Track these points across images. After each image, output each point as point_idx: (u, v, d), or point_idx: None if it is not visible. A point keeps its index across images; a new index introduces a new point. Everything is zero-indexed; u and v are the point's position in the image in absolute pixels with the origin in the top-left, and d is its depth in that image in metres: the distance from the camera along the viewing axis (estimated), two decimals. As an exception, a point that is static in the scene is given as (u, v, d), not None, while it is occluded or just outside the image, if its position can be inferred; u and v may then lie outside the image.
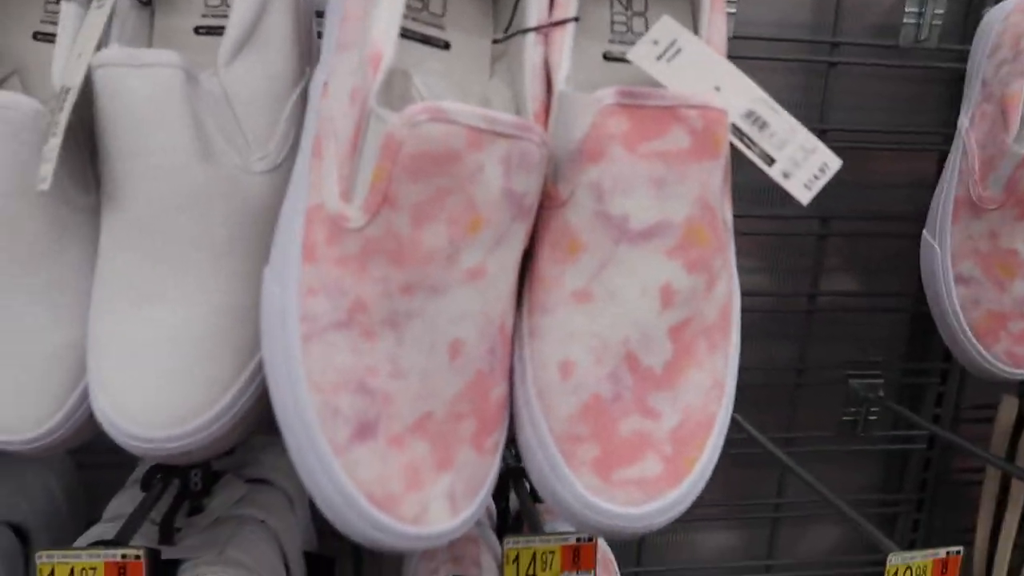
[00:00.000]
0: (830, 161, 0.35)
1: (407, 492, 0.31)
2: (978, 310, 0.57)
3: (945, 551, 0.51)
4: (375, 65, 0.31)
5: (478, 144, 0.29)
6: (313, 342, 0.31)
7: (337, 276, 0.31)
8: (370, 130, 0.31)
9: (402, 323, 0.31)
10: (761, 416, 0.86)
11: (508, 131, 0.30)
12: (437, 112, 0.28)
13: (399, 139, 0.29)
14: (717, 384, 0.35)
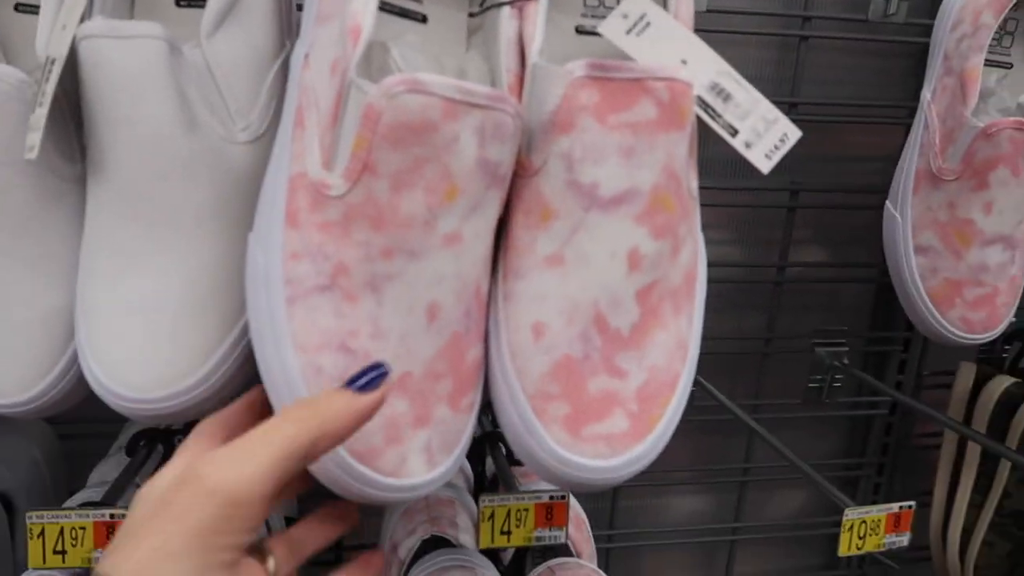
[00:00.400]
0: (790, 132, 0.37)
1: (387, 446, 0.32)
2: (936, 278, 0.60)
3: (898, 506, 0.54)
4: (355, 37, 0.32)
5: (453, 115, 0.30)
6: (297, 305, 0.32)
7: (320, 241, 0.32)
8: (350, 101, 0.32)
9: (382, 286, 0.32)
10: (730, 384, 0.89)
11: (482, 102, 0.31)
12: (414, 84, 0.30)
13: (378, 110, 0.30)
14: (681, 345, 0.37)
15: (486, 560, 0.56)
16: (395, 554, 0.59)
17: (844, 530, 0.53)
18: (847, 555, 0.54)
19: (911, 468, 0.95)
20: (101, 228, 0.36)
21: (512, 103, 0.32)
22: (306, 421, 0.28)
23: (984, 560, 0.81)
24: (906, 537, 0.55)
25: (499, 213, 0.35)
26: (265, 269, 0.33)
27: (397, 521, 0.62)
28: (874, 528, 0.54)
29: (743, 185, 0.81)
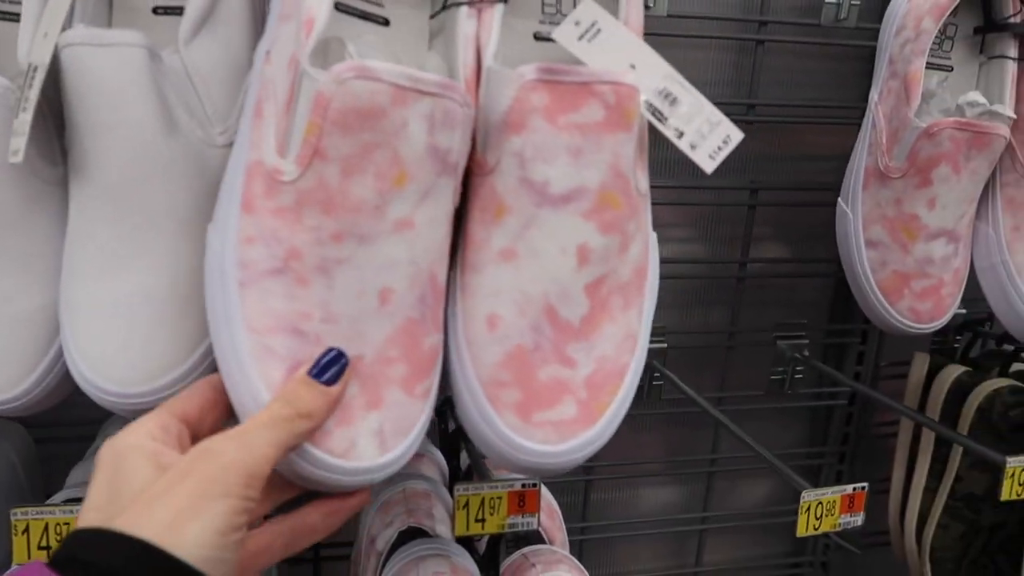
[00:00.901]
0: (733, 134, 0.39)
1: (336, 427, 0.33)
2: (885, 271, 0.63)
3: (851, 487, 0.57)
4: (308, 29, 0.34)
5: (402, 101, 0.32)
6: (250, 288, 0.33)
7: (273, 226, 0.33)
8: (303, 89, 0.33)
9: (333, 270, 0.33)
10: (697, 377, 0.92)
11: (431, 89, 0.32)
12: (363, 70, 0.31)
13: (328, 96, 0.31)
14: (630, 336, 0.39)
15: (461, 549, 0.58)
16: (373, 546, 0.61)
17: (801, 512, 0.56)
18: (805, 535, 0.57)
19: (871, 456, 0.98)
20: (84, 229, 0.38)
21: (460, 91, 0.34)
22: (291, 411, 0.31)
23: (939, 542, 0.84)
24: (860, 517, 0.58)
25: (454, 202, 0.37)
26: (221, 253, 0.34)
27: (374, 515, 0.63)
28: (829, 509, 0.57)
29: (705, 184, 0.84)
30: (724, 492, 0.98)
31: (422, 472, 0.68)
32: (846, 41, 0.79)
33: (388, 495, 0.63)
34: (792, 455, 0.98)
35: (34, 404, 0.41)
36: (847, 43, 0.79)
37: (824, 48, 0.81)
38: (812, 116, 0.83)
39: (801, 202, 0.84)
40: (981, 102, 0.58)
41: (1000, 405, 0.78)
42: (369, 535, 0.62)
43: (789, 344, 0.90)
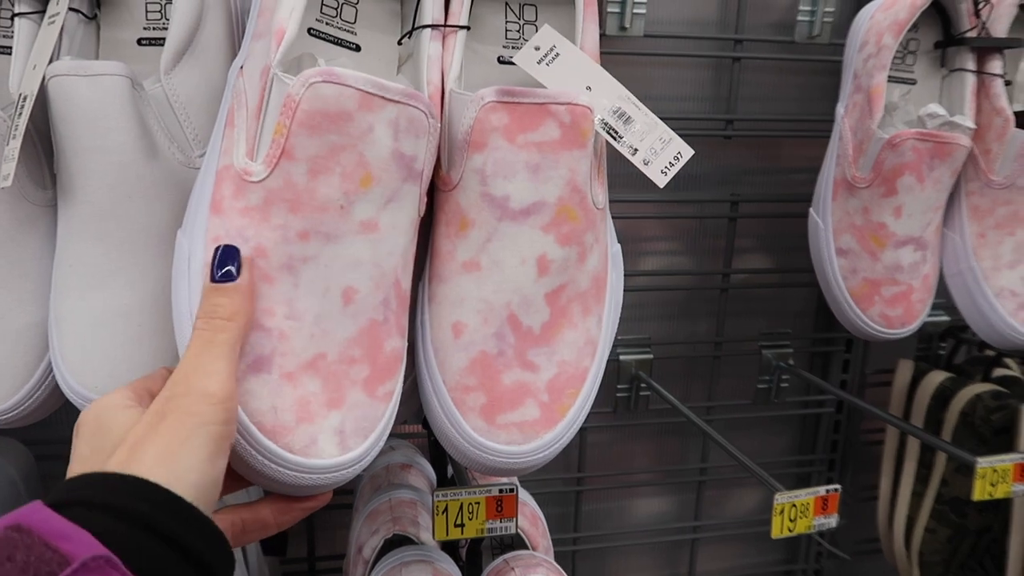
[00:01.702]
0: (683, 150, 0.41)
1: (298, 424, 0.34)
2: (856, 278, 0.64)
3: (825, 489, 0.58)
4: (279, 39, 0.36)
5: (368, 106, 0.34)
6: None
7: (240, 225, 0.35)
8: (273, 93, 0.35)
9: (298, 267, 0.34)
10: (685, 388, 0.94)
11: (395, 97, 0.34)
12: (330, 75, 0.33)
13: (296, 98, 0.33)
14: (590, 342, 0.41)
15: (445, 555, 0.59)
16: (360, 554, 0.63)
17: (775, 514, 0.57)
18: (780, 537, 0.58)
19: (860, 462, 0.99)
20: (71, 247, 0.40)
21: (425, 101, 0.36)
22: (217, 321, 0.32)
23: (927, 546, 0.85)
24: (834, 519, 0.59)
25: (419, 211, 0.39)
26: (188, 254, 0.36)
27: (362, 524, 0.65)
28: (803, 511, 0.58)
29: (687, 198, 0.86)
30: (715, 501, 0.99)
31: (410, 483, 0.70)
32: (820, 57, 0.81)
33: (375, 504, 0.65)
34: (782, 463, 0.99)
35: (26, 416, 0.43)
36: (821, 59, 0.81)
37: (799, 64, 0.83)
38: (789, 130, 0.85)
39: (781, 213, 0.86)
40: (940, 113, 0.60)
41: (982, 409, 0.79)
42: (357, 543, 0.64)
43: (774, 353, 0.91)
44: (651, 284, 0.89)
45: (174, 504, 0.27)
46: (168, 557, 0.26)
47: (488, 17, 0.45)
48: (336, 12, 0.43)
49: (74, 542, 0.24)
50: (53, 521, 0.25)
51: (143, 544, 0.26)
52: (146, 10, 0.45)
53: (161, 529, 0.26)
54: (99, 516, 0.26)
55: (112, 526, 0.25)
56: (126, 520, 0.26)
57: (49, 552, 0.24)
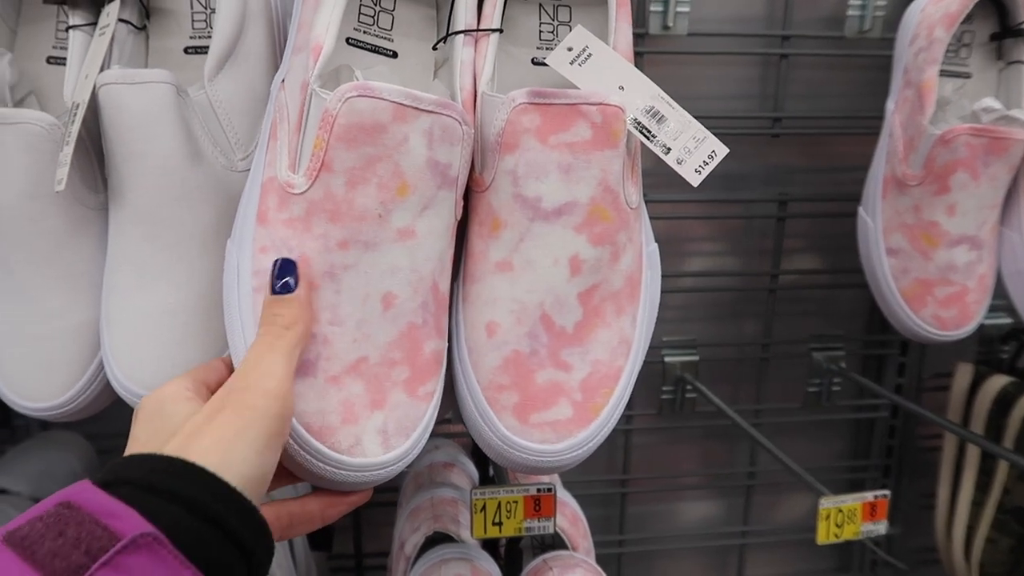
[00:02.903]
0: (718, 149, 0.40)
1: (342, 425, 0.35)
2: (907, 278, 0.63)
3: (873, 495, 0.57)
4: (316, 54, 0.37)
5: (402, 117, 0.35)
6: (262, 293, 0.36)
7: (284, 235, 0.36)
8: (312, 108, 0.36)
9: (340, 275, 0.36)
10: (732, 390, 0.92)
11: (429, 107, 0.35)
12: (365, 89, 0.34)
13: (333, 112, 0.34)
14: (624, 342, 0.41)
15: (485, 553, 0.60)
16: (402, 551, 0.63)
17: (821, 519, 0.56)
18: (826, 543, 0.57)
19: (917, 469, 0.96)
20: (121, 248, 0.42)
21: (458, 109, 0.36)
22: (277, 328, 0.34)
23: (988, 557, 0.82)
24: (883, 525, 0.57)
25: (455, 215, 0.39)
26: (237, 264, 0.37)
27: (404, 521, 0.66)
28: (850, 516, 0.56)
29: (734, 198, 0.85)
30: (765, 506, 0.97)
31: (452, 481, 0.70)
32: (871, 52, 0.79)
33: (417, 502, 0.66)
34: (834, 468, 0.97)
35: (79, 411, 0.45)
36: (871, 54, 0.79)
37: (849, 59, 0.81)
38: (839, 127, 0.83)
39: (831, 213, 0.84)
40: (996, 107, 0.58)
41: (1046, 415, 0.76)
42: (400, 540, 0.65)
43: (825, 356, 0.89)
44: (697, 285, 0.88)
45: (222, 489, 0.28)
46: (212, 539, 0.27)
47: (522, 19, 0.46)
48: (373, 20, 0.44)
49: (122, 520, 0.25)
50: (101, 499, 0.26)
51: (189, 525, 0.26)
52: (192, 20, 0.46)
53: (207, 512, 0.27)
54: (146, 496, 0.26)
55: (159, 506, 0.26)
56: (174, 501, 0.27)
57: (99, 529, 0.25)
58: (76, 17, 0.43)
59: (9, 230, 0.42)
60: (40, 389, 0.44)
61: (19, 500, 0.69)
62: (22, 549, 0.24)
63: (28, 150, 0.41)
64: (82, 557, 0.24)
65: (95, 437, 0.80)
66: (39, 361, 0.44)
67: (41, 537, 0.24)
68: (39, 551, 0.24)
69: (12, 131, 0.41)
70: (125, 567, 0.24)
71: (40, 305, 0.44)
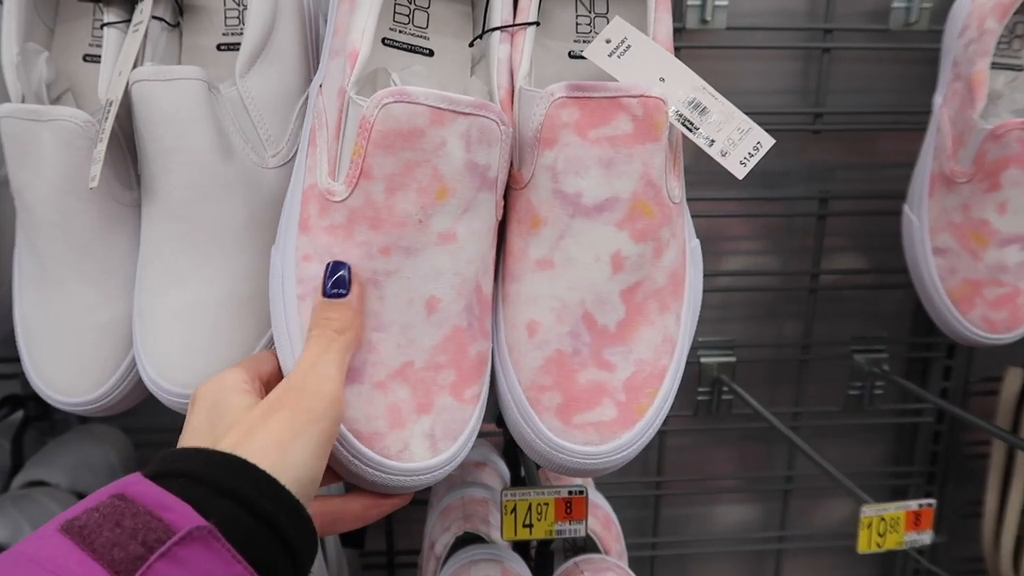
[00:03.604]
0: (763, 140, 0.39)
1: (390, 430, 0.36)
2: (954, 279, 0.60)
3: (917, 503, 0.55)
4: (352, 61, 0.37)
5: (439, 121, 0.34)
6: (307, 301, 0.36)
7: (327, 243, 0.36)
8: (349, 116, 0.36)
9: (383, 281, 0.35)
10: (770, 392, 0.90)
11: (466, 109, 0.34)
12: (401, 95, 0.34)
13: (370, 119, 0.34)
14: (668, 340, 0.40)
15: (515, 555, 0.59)
16: (432, 551, 0.63)
17: (862, 527, 0.54)
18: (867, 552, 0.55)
19: (963, 477, 0.93)
20: (152, 245, 0.42)
21: (495, 110, 0.36)
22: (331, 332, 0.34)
23: (1037, 568, 0.79)
24: (927, 535, 0.55)
25: (496, 216, 0.39)
26: (282, 271, 0.37)
27: (435, 520, 0.66)
28: (893, 525, 0.55)
29: (774, 195, 0.83)
30: (803, 511, 0.95)
31: (483, 481, 0.70)
32: (917, 45, 0.76)
33: (448, 502, 0.65)
34: (876, 474, 0.94)
35: (112, 406, 0.45)
36: (918, 47, 0.76)
37: (894, 53, 0.79)
38: (883, 122, 0.80)
39: (875, 211, 0.82)
40: (1052, 101, 0.55)
41: (1100, 422, 0.73)
42: (430, 539, 0.64)
43: (867, 358, 0.87)
44: (735, 284, 0.86)
45: (274, 488, 0.28)
46: (262, 536, 0.27)
47: (558, 12, 0.45)
48: (408, 18, 0.43)
49: (176, 512, 0.26)
50: (154, 492, 0.26)
51: (240, 520, 0.27)
52: (225, 16, 0.46)
53: (258, 509, 0.27)
54: (199, 489, 0.27)
55: (211, 500, 0.27)
56: (226, 496, 0.27)
57: (154, 521, 0.25)
58: (110, 14, 0.43)
59: (45, 225, 0.43)
60: (74, 384, 0.44)
61: (58, 492, 0.70)
62: (81, 539, 0.25)
63: (63, 147, 0.41)
64: (139, 548, 0.24)
65: (132, 431, 0.81)
66: (73, 356, 0.44)
67: (99, 527, 0.25)
68: (97, 541, 0.24)
69: (48, 128, 0.41)
70: (181, 559, 0.25)
71: (74, 300, 0.44)
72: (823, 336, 0.87)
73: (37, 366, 0.45)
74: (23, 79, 0.44)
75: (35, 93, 0.44)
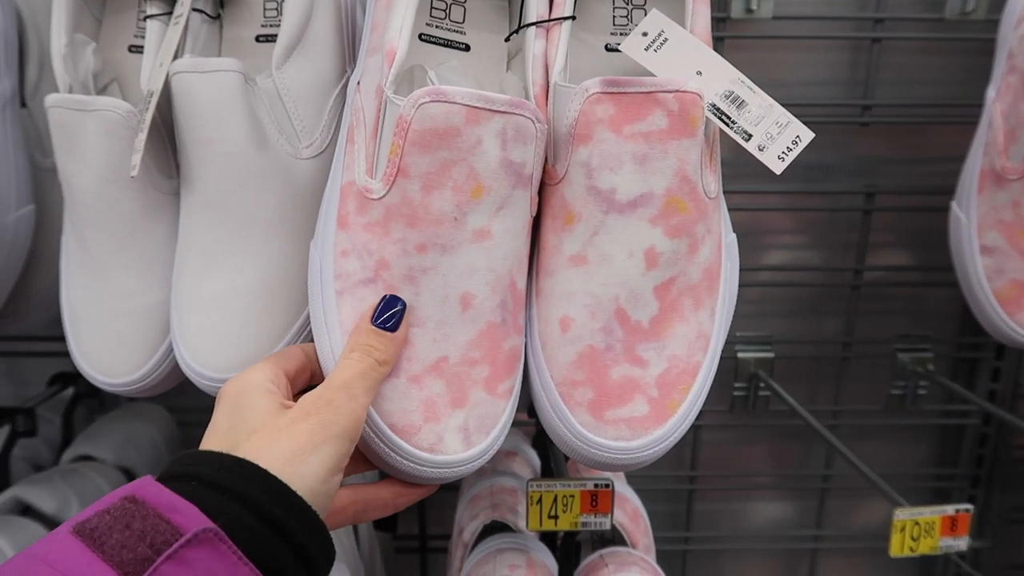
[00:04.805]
0: (803, 134, 0.38)
1: (425, 423, 0.36)
2: (1002, 279, 0.58)
3: (954, 508, 0.53)
4: (390, 60, 0.37)
5: (475, 120, 0.34)
6: (345, 296, 0.37)
7: (364, 240, 0.36)
8: (387, 114, 0.36)
9: (418, 278, 0.36)
10: (811, 389, 0.89)
11: (502, 108, 0.34)
12: (437, 94, 0.34)
13: (407, 119, 0.34)
14: (702, 336, 0.39)
15: (541, 545, 0.59)
16: (460, 537, 0.64)
17: (895, 531, 0.53)
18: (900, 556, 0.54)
19: (1010, 481, 0.90)
20: (189, 232, 0.43)
21: (531, 108, 0.36)
22: (371, 360, 0.35)
23: (1084, 579, 0.77)
24: (964, 541, 0.54)
25: (531, 212, 0.39)
26: (320, 266, 0.38)
27: (464, 508, 0.66)
28: (928, 530, 0.53)
29: (818, 189, 0.81)
30: (840, 511, 0.94)
31: (513, 470, 0.70)
32: (974, 35, 0.74)
33: (477, 490, 0.66)
34: (919, 476, 0.92)
35: (152, 387, 0.46)
36: (975, 37, 0.74)
37: (949, 43, 0.76)
38: (935, 116, 0.78)
39: (923, 207, 0.79)
40: (1112, 96, 0.53)
41: None
42: (459, 526, 0.65)
43: (911, 357, 0.85)
44: (775, 279, 0.85)
45: (286, 495, 0.29)
46: (270, 539, 0.28)
47: (595, 5, 0.44)
48: (445, 14, 0.43)
49: (184, 515, 0.26)
50: (164, 494, 0.27)
51: (247, 523, 0.27)
52: (264, 8, 0.46)
53: (266, 512, 0.28)
54: (211, 493, 0.28)
55: (220, 503, 0.27)
56: (235, 499, 0.28)
57: (162, 523, 0.26)
58: (153, 7, 0.44)
59: (89, 211, 0.44)
60: (115, 365, 0.46)
61: (104, 467, 0.72)
62: (91, 540, 0.25)
63: (107, 136, 0.42)
64: (147, 550, 0.25)
65: (176, 410, 0.83)
66: (114, 338, 0.45)
67: (109, 529, 0.26)
68: (107, 543, 0.25)
69: (92, 118, 0.42)
70: (188, 560, 0.25)
71: (116, 284, 0.45)
72: (865, 334, 0.85)
73: (81, 347, 0.46)
74: (70, 70, 0.45)
75: (82, 83, 0.46)
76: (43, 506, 0.63)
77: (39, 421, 0.72)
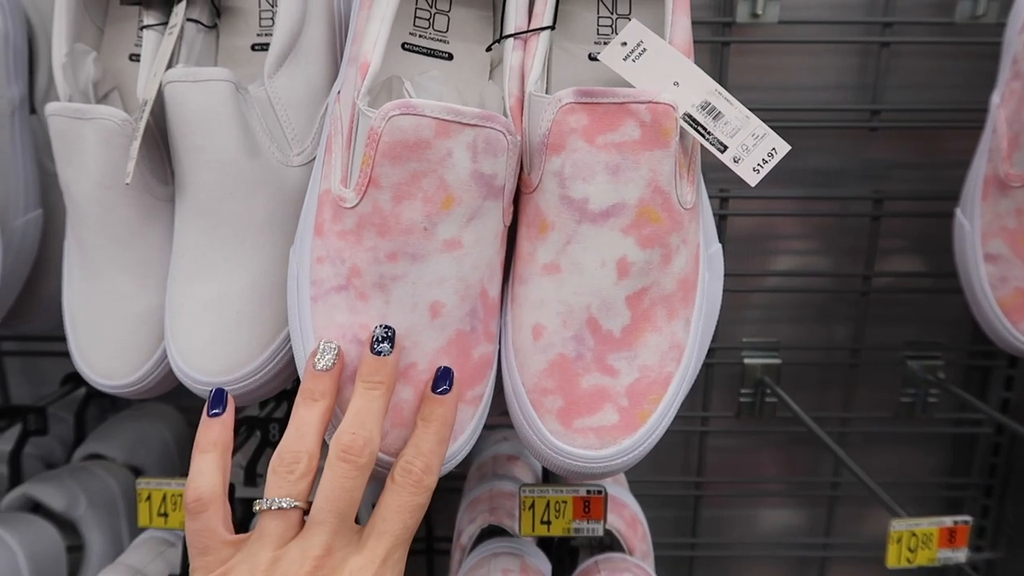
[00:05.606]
0: (779, 146, 0.38)
1: (391, 428, 0.37)
2: (1006, 287, 0.58)
3: (952, 520, 0.53)
4: (363, 72, 0.38)
5: (445, 132, 0.35)
6: (319, 303, 0.37)
7: (338, 247, 0.37)
8: (359, 125, 0.37)
9: (389, 286, 0.37)
10: (819, 396, 0.88)
11: (472, 121, 0.35)
12: (407, 107, 0.34)
13: (378, 131, 0.35)
14: (676, 347, 0.39)
15: (537, 550, 0.60)
16: (459, 540, 0.64)
17: (891, 542, 0.53)
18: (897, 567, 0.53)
19: None
20: (183, 238, 0.44)
21: (502, 121, 0.36)
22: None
23: (1098, 593, 0.75)
24: (963, 553, 0.53)
25: (504, 222, 0.39)
26: (297, 272, 0.39)
27: (463, 511, 0.67)
28: (925, 541, 0.53)
29: (826, 195, 0.80)
30: (850, 519, 0.93)
31: (514, 474, 0.71)
32: (984, 39, 0.73)
33: (476, 493, 0.66)
34: (929, 485, 0.91)
35: (149, 390, 0.47)
36: (985, 41, 0.72)
37: (959, 48, 0.75)
38: (943, 120, 0.77)
39: (933, 212, 0.78)
40: (1116, 102, 0.52)
41: None
42: (458, 529, 0.66)
43: (922, 365, 0.84)
44: (782, 285, 0.84)
45: None
46: None
47: (579, 13, 0.44)
48: (429, 23, 0.44)
49: None
50: None
51: None
52: (259, 17, 0.47)
53: None
54: None
55: None
56: None
57: None
58: (149, 17, 0.45)
59: (87, 217, 0.45)
60: (112, 367, 0.47)
61: (113, 466, 0.74)
62: None
63: (104, 144, 0.44)
64: None
65: (187, 410, 0.85)
66: (111, 341, 0.46)
67: None
68: None
69: (90, 126, 0.43)
70: None
71: (113, 289, 0.46)
72: (875, 340, 0.84)
73: (80, 349, 0.48)
74: (70, 79, 0.46)
75: (82, 92, 0.47)
76: (52, 503, 0.65)
77: (52, 420, 0.74)
